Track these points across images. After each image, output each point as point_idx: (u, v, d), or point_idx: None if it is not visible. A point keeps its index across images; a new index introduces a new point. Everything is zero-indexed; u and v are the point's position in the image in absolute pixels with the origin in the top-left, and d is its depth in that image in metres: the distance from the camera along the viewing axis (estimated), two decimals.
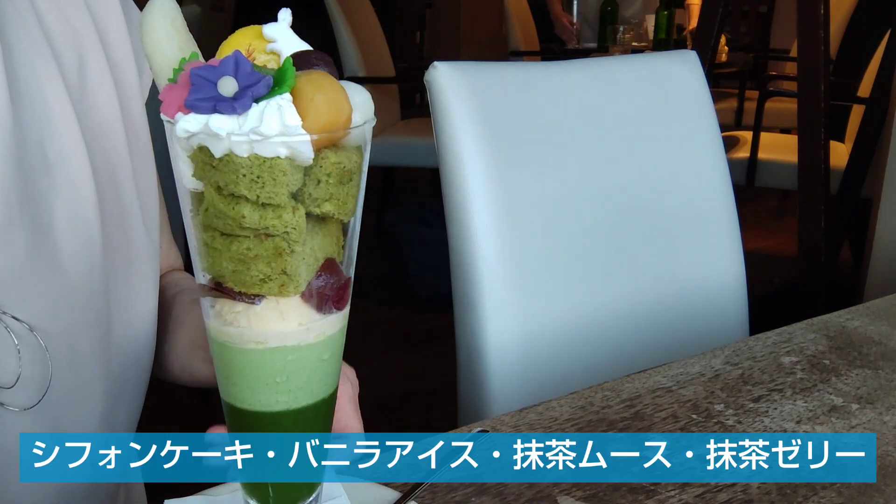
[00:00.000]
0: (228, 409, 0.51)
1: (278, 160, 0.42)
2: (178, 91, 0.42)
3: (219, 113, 0.41)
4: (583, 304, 1.09)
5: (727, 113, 4.12)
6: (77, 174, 0.66)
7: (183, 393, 2.38)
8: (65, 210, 0.65)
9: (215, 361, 0.51)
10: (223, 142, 0.42)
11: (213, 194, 0.44)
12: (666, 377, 0.85)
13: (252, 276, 0.46)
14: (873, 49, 2.81)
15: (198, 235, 0.46)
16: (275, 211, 0.44)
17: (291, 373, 0.49)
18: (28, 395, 0.62)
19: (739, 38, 5.05)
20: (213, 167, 0.43)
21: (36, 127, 0.64)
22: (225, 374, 0.50)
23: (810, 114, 2.22)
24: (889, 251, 2.09)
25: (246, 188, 0.43)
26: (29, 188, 0.62)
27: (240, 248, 0.45)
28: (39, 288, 0.63)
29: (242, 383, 0.49)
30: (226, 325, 0.48)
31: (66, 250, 0.64)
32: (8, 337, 0.61)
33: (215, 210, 0.44)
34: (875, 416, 0.78)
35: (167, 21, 0.46)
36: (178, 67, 0.43)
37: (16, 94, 0.63)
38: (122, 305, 0.70)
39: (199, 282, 0.48)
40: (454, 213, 1.03)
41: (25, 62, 0.64)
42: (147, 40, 0.45)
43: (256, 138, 0.41)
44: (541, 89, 1.09)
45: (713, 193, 1.22)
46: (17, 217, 0.61)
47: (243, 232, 0.44)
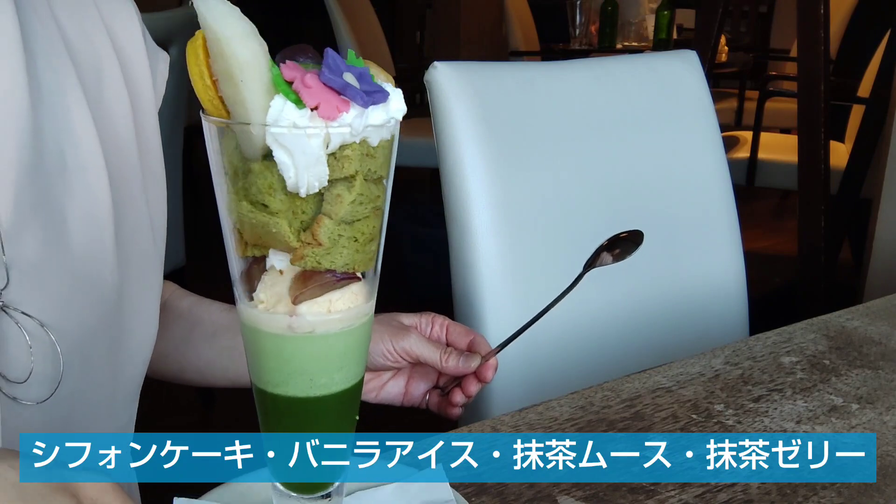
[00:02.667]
0: (269, 398, 0.52)
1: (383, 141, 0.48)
2: (329, 96, 0.45)
3: (374, 104, 0.46)
4: (583, 304, 1.09)
5: (727, 113, 4.12)
6: (93, 181, 0.67)
7: (182, 395, 2.38)
8: (79, 214, 0.66)
9: (258, 353, 0.52)
10: (381, 130, 0.47)
11: (362, 182, 0.47)
12: (666, 377, 0.85)
13: (367, 255, 0.50)
14: (873, 49, 2.81)
15: (331, 232, 0.48)
16: (378, 186, 0.49)
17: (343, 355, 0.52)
18: (40, 391, 0.64)
19: (739, 38, 5.05)
20: (370, 156, 0.47)
21: (55, 133, 0.65)
22: (270, 362, 0.52)
23: (810, 114, 2.22)
24: (889, 251, 2.09)
25: (383, 170, 0.49)
26: (45, 191, 0.64)
27: (366, 229, 0.49)
28: (51, 286, 0.64)
29: (296, 369, 0.51)
30: (292, 315, 0.49)
31: (79, 252, 0.66)
32: (20, 333, 0.62)
33: (363, 196, 0.48)
34: (875, 416, 0.78)
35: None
36: (281, 79, 0.45)
37: (37, 100, 0.63)
38: (131, 309, 0.71)
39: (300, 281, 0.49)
40: (454, 213, 1.03)
41: (48, 71, 0.65)
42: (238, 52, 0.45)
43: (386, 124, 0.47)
44: (541, 89, 1.09)
45: (713, 193, 1.22)
46: (30, 218, 0.62)
47: (375, 213, 0.49)
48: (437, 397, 0.82)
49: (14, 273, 0.61)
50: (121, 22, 0.74)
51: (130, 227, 0.71)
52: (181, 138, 2.15)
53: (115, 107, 0.71)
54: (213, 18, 0.44)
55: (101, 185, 0.67)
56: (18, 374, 0.62)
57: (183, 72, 0.50)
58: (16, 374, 0.62)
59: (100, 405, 0.70)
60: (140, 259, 0.73)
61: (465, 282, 1.03)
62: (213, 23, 0.44)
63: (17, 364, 0.62)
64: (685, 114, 1.20)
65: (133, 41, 0.75)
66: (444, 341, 0.82)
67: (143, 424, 0.79)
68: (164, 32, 1.96)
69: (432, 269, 1.22)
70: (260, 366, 0.52)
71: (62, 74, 0.66)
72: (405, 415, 0.90)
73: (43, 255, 0.63)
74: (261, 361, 0.52)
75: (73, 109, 0.66)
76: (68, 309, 0.65)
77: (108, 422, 0.71)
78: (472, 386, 0.80)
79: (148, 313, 0.74)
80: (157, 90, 0.77)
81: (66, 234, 0.65)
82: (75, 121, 0.66)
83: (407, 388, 0.83)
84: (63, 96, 0.66)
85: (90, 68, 0.70)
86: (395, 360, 0.80)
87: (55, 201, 0.64)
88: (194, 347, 0.84)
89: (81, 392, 0.67)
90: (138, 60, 0.75)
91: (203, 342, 0.84)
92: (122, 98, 0.72)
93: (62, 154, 0.65)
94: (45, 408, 0.64)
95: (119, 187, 0.70)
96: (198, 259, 2.37)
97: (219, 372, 0.84)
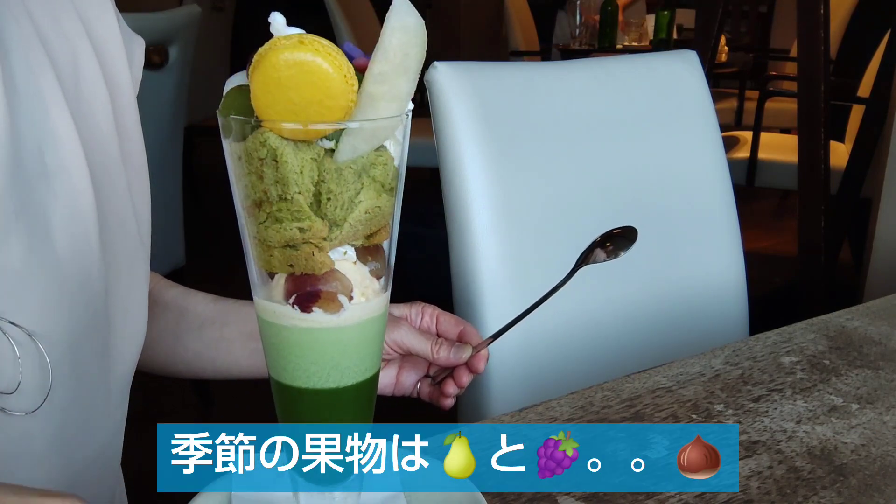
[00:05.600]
0: (290, 391, 0.52)
1: None
2: None
3: None
4: (583, 304, 1.09)
5: (727, 113, 4.12)
6: (76, 181, 0.65)
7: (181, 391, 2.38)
8: (63, 217, 0.64)
9: (280, 346, 0.52)
10: None
11: None
12: (666, 377, 0.85)
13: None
14: (873, 49, 2.81)
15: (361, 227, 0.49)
16: None
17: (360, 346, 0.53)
18: (30, 400, 0.62)
19: (739, 38, 5.05)
20: None
21: (34, 134, 0.63)
22: (293, 354, 0.52)
23: (810, 114, 2.22)
24: (889, 251, 2.09)
25: None
26: (26, 196, 0.62)
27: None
28: (38, 294, 0.62)
29: (322, 360, 0.51)
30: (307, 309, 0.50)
31: (64, 256, 0.64)
32: (7, 343, 0.60)
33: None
34: (875, 416, 0.78)
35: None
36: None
37: (14, 101, 0.62)
38: (118, 306, 0.70)
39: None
40: (454, 213, 1.03)
41: (23, 69, 0.63)
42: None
43: None
44: (541, 89, 1.09)
45: (713, 193, 1.22)
46: (13, 225, 0.61)
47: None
48: (429, 387, 0.82)
49: (0, 282, 0.60)
50: (95, 12, 0.72)
51: (115, 223, 0.70)
52: (181, 138, 2.15)
53: (94, 101, 0.69)
54: (412, 14, 0.45)
55: (83, 185, 0.66)
56: (6, 384, 0.61)
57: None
58: (4, 385, 0.61)
59: (94, 408, 0.69)
60: (126, 254, 0.71)
61: (465, 282, 1.03)
62: (412, 18, 0.45)
63: (5, 375, 0.61)
64: (685, 114, 1.20)
65: (109, 31, 0.73)
66: (434, 331, 0.82)
67: (142, 423, 0.78)
68: (164, 32, 1.96)
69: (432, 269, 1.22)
70: (286, 360, 0.52)
71: (39, 73, 0.64)
72: (405, 415, 0.90)
73: (28, 261, 0.61)
74: (286, 355, 0.52)
75: (51, 109, 0.64)
76: (56, 315, 0.64)
77: (103, 422, 0.70)
78: (464, 377, 0.79)
79: (136, 308, 0.73)
80: (135, 77, 0.76)
81: (51, 239, 0.63)
82: (54, 120, 0.64)
83: (397, 378, 0.83)
84: (40, 96, 0.64)
85: (67, 64, 0.68)
86: (386, 351, 0.79)
87: (38, 205, 0.63)
88: (181, 339, 0.83)
89: (74, 397, 0.66)
90: (115, 51, 0.73)
91: (190, 334, 0.83)
92: (100, 92, 0.70)
93: (42, 155, 0.63)
94: (37, 416, 0.63)
95: (102, 184, 0.68)
96: (198, 259, 2.38)
97: (207, 363, 0.83)
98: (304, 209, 0.46)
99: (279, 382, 0.52)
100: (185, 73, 2.09)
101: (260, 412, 1.80)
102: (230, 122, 0.46)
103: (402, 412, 0.98)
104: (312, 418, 0.53)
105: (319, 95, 0.44)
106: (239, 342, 0.81)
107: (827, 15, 2.17)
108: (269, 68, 0.44)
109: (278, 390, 0.53)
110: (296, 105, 0.44)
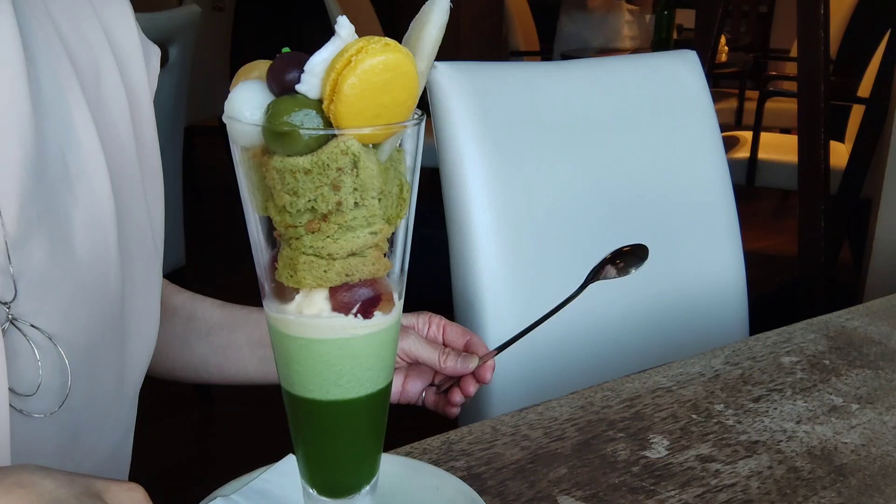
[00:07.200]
0: (301, 402, 0.52)
1: None
2: None
3: None
4: (583, 304, 1.09)
5: (727, 113, 4.12)
6: (96, 187, 0.66)
7: (182, 394, 2.38)
8: (83, 222, 0.65)
9: (290, 358, 0.51)
10: None
11: None
12: (666, 377, 0.85)
13: None
14: (873, 49, 2.81)
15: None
16: None
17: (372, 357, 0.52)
18: (49, 403, 0.63)
19: (739, 38, 5.05)
20: None
21: (58, 138, 0.64)
22: (300, 366, 0.51)
23: (810, 114, 2.22)
24: (889, 251, 2.09)
25: None
26: (49, 199, 0.63)
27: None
28: (58, 298, 0.63)
29: (333, 371, 0.50)
30: (317, 318, 0.48)
31: (84, 260, 0.65)
32: (28, 346, 0.61)
33: None
34: (875, 416, 0.78)
35: None
36: None
37: (38, 105, 0.63)
38: (133, 310, 0.71)
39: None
40: (454, 212, 1.03)
41: (48, 74, 0.65)
42: None
43: None
44: (541, 89, 1.09)
45: (713, 193, 1.22)
46: (35, 227, 0.62)
47: None
48: (434, 395, 0.82)
49: (21, 285, 0.61)
50: (116, 20, 0.73)
51: (132, 229, 0.71)
52: (181, 138, 2.15)
53: (114, 106, 0.71)
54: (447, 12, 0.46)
55: (103, 189, 0.67)
56: (27, 387, 0.62)
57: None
58: (25, 388, 0.61)
59: (107, 411, 0.69)
60: (141, 258, 0.72)
61: (465, 282, 1.03)
62: (446, 17, 0.46)
63: (26, 377, 0.61)
64: (685, 114, 1.20)
65: (129, 38, 0.74)
66: (440, 341, 0.82)
67: (143, 424, 0.79)
68: (164, 32, 1.96)
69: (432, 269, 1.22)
70: (297, 372, 0.51)
71: (62, 78, 0.66)
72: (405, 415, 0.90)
73: (49, 264, 0.62)
74: (297, 368, 0.50)
75: (74, 113, 0.66)
76: (75, 318, 0.64)
77: (114, 425, 0.71)
78: (470, 386, 0.80)
79: (149, 312, 0.74)
80: (151, 84, 0.77)
81: (72, 242, 0.64)
82: (77, 125, 0.66)
83: (403, 386, 0.83)
84: (64, 101, 0.65)
85: (89, 70, 0.69)
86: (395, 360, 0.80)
87: (60, 208, 0.64)
88: (188, 344, 0.84)
89: (89, 400, 0.67)
90: (135, 58, 0.74)
91: (197, 339, 0.83)
92: (119, 97, 0.71)
93: (65, 159, 0.64)
94: (54, 418, 0.63)
95: (120, 190, 0.69)
96: (198, 259, 2.37)
97: (214, 369, 0.84)
98: (377, 213, 0.45)
99: (305, 399, 0.51)
100: (185, 74, 2.09)
101: (260, 413, 1.80)
102: (298, 137, 0.43)
103: (408, 421, 0.98)
104: (335, 432, 0.52)
105: (405, 96, 0.44)
106: (247, 348, 0.82)
107: (827, 15, 2.17)
108: (369, 74, 0.43)
109: (302, 406, 0.52)
110: (386, 108, 0.44)
